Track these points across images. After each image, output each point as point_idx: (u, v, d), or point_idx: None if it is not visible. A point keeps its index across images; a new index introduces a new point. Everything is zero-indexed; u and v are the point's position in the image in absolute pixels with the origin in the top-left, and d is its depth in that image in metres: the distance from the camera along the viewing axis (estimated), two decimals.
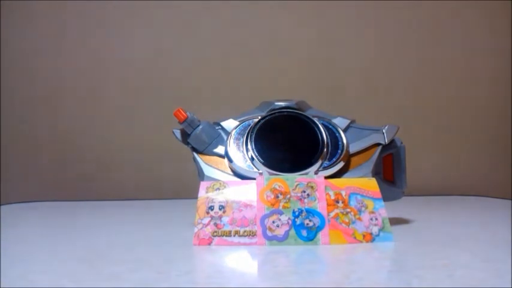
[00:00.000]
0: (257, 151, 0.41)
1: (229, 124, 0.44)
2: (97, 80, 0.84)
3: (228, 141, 0.42)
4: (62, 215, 0.63)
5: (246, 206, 0.37)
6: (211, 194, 0.38)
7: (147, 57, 0.84)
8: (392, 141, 0.43)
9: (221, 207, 0.37)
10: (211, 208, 0.37)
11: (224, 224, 0.36)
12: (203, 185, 0.39)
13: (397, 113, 0.80)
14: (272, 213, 0.37)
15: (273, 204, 0.37)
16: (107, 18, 0.84)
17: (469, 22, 0.84)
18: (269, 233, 0.36)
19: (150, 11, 0.83)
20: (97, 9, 0.83)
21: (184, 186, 0.62)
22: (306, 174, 0.40)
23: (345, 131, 0.43)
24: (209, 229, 0.36)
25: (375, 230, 0.36)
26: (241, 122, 0.44)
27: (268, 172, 0.40)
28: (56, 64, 0.83)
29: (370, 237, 0.36)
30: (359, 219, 0.37)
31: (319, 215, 0.37)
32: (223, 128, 0.44)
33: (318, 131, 0.42)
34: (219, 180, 0.40)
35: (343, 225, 0.36)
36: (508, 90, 0.83)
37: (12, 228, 0.48)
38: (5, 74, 0.83)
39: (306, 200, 0.38)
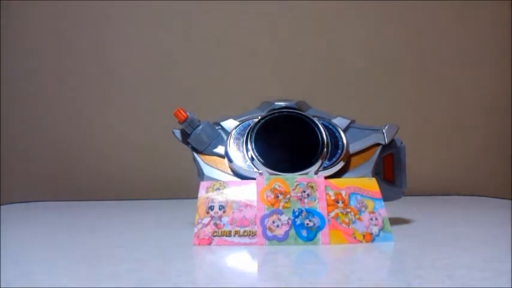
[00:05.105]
0: (257, 151, 0.41)
1: (229, 124, 0.44)
2: (97, 80, 0.84)
3: (228, 141, 0.42)
4: (62, 215, 0.63)
5: (246, 206, 0.37)
6: (211, 194, 0.38)
7: (147, 57, 0.84)
8: (392, 141, 0.43)
9: (221, 207, 0.37)
10: (211, 208, 0.37)
11: (224, 224, 0.36)
12: (203, 185, 0.39)
13: (397, 113, 0.80)
14: (272, 213, 0.37)
15: (273, 204, 0.37)
16: (107, 18, 0.84)
17: (469, 22, 0.84)
18: (269, 233, 0.36)
19: (150, 11, 0.83)
20: (97, 9, 0.83)
21: (184, 186, 0.62)
22: (306, 174, 0.40)
23: (345, 131, 0.43)
24: (209, 229, 0.36)
25: (375, 230, 0.36)
26: (241, 122, 0.44)
27: (268, 172, 0.40)
28: (56, 64, 0.83)
29: (370, 237, 0.36)
30: (359, 219, 0.37)
31: (319, 215, 0.37)
32: (223, 128, 0.44)
33: (318, 131, 0.42)
34: (219, 180, 0.40)
35: (343, 225, 0.36)
36: (508, 90, 0.83)
37: (12, 228, 0.48)
38: (5, 74, 0.83)
39: (306, 200, 0.38)
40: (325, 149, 0.41)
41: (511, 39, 0.82)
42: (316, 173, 0.40)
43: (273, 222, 0.36)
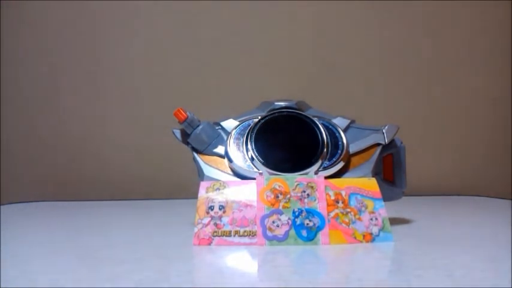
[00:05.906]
0: (257, 151, 0.41)
1: (229, 124, 0.44)
2: (97, 80, 0.84)
3: (228, 141, 0.42)
4: (62, 215, 0.63)
5: (246, 206, 0.37)
6: (211, 194, 0.38)
7: (147, 57, 0.84)
8: (392, 141, 0.43)
9: (221, 207, 0.37)
10: (211, 208, 0.37)
11: (224, 224, 0.36)
12: (203, 185, 0.39)
13: (397, 113, 0.80)
14: (272, 213, 0.37)
15: (273, 204, 0.37)
16: (107, 18, 0.84)
17: (469, 22, 0.84)
18: (269, 233, 0.36)
19: (150, 11, 0.83)
20: (97, 9, 0.83)
21: (184, 186, 0.62)
22: (306, 174, 0.40)
23: (345, 131, 0.43)
24: (209, 229, 0.36)
25: (375, 230, 0.36)
26: (241, 122, 0.44)
27: (268, 172, 0.40)
28: (56, 64, 0.83)
29: (370, 237, 0.36)
30: (359, 219, 0.37)
31: (319, 215, 0.37)
32: (223, 128, 0.44)
33: (318, 131, 0.42)
34: (219, 180, 0.40)
35: (343, 225, 0.36)
36: (508, 90, 0.83)
37: (12, 228, 0.48)
38: (5, 74, 0.83)
39: (306, 200, 0.38)
40: (325, 149, 0.41)
41: (511, 39, 0.82)
42: (316, 173, 0.40)
43: (273, 222, 0.36)
